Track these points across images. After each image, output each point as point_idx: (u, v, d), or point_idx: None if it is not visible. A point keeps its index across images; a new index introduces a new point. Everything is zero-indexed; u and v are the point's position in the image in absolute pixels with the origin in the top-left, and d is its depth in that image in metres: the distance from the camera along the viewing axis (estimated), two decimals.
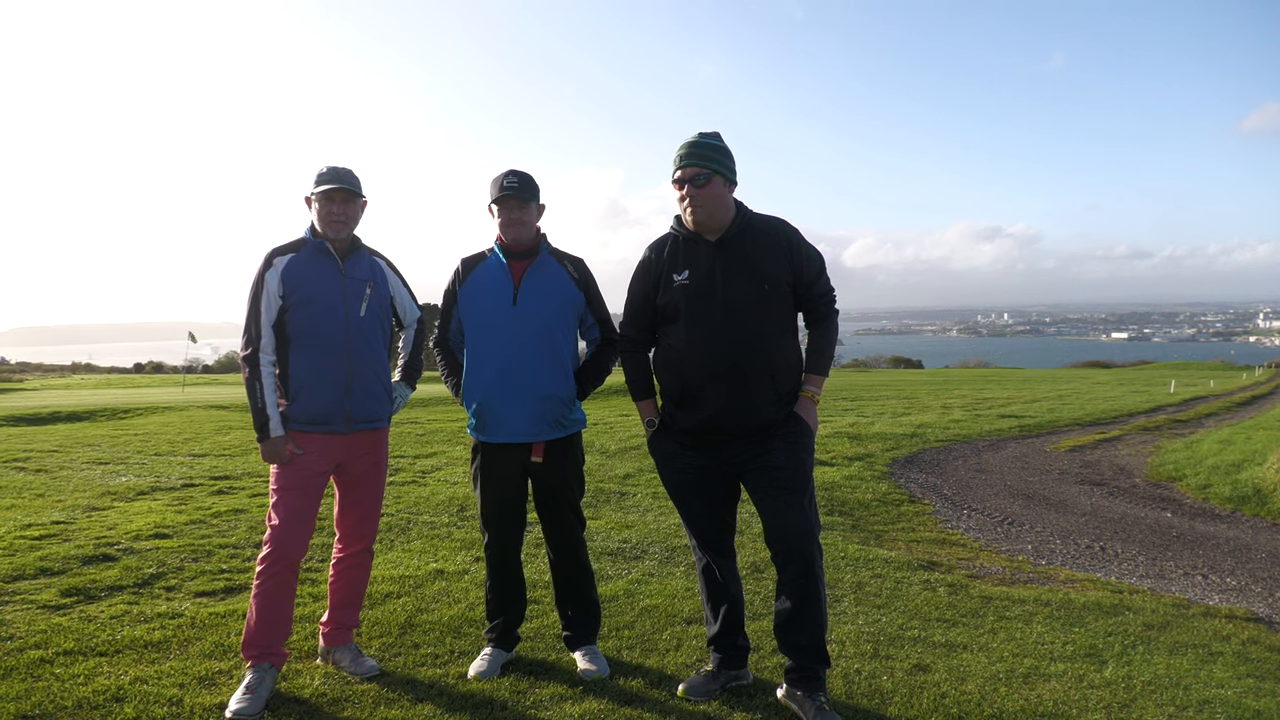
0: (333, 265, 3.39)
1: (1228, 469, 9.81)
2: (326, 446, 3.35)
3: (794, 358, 3.17)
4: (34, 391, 28.22)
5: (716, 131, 3.16)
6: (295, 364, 3.32)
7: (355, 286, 3.41)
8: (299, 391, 3.31)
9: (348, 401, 3.35)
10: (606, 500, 7.05)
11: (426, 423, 12.72)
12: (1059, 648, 3.81)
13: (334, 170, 3.36)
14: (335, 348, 3.33)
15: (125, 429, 12.15)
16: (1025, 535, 6.70)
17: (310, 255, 3.38)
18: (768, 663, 3.53)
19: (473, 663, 3.43)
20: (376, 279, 3.50)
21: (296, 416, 3.31)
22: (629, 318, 3.33)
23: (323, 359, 3.32)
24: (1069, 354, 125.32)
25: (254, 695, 3.03)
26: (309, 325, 3.31)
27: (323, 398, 3.31)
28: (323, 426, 3.33)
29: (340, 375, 3.34)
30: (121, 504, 6.49)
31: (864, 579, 4.84)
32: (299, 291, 3.31)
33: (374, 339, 3.45)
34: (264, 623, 3.21)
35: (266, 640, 3.21)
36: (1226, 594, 5.19)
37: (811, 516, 3.07)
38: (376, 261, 3.56)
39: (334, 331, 3.34)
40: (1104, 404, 19.63)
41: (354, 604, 3.56)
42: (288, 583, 3.27)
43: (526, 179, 3.42)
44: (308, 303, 3.31)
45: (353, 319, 3.38)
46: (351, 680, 3.30)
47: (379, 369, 3.47)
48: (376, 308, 3.47)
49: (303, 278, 3.33)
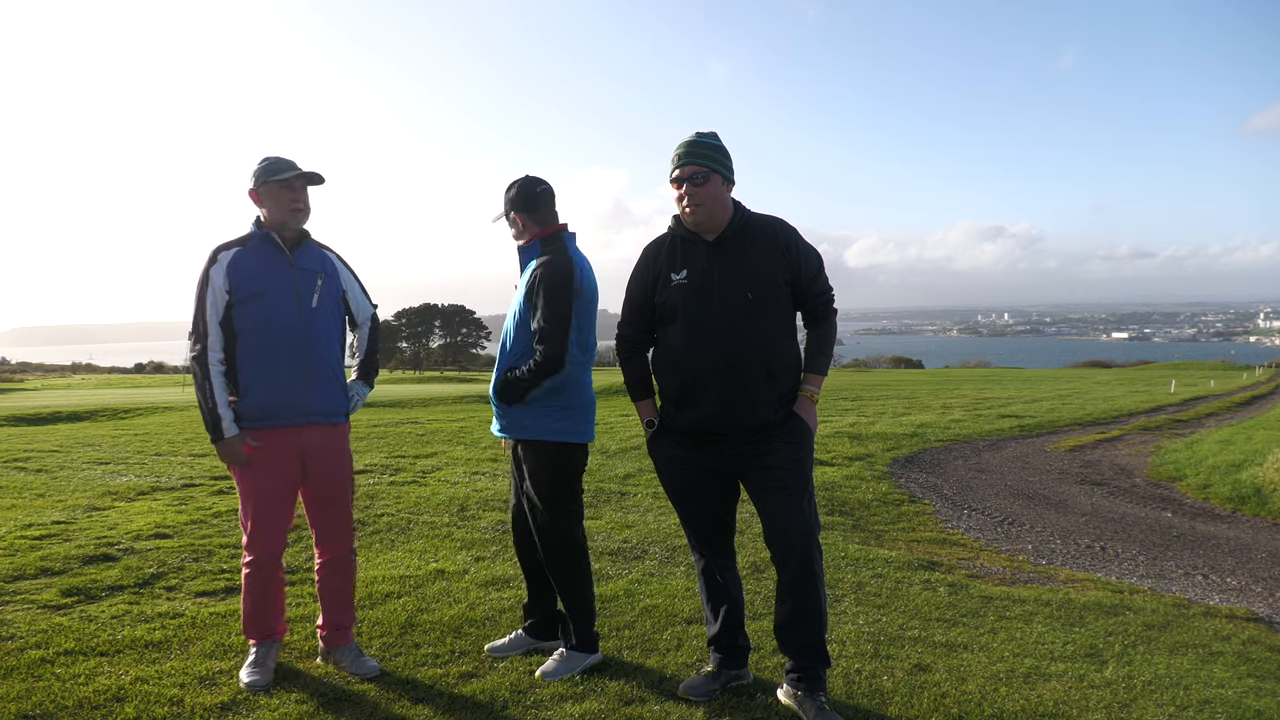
0: (281, 257, 3.29)
1: (1228, 469, 9.81)
2: (284, 440, 3.27)
3: (793, 357, 3.17)
4: (34, 391, 28.25)
5: (714, 131, 3.16)
6: (245, 359, 3.23)
7: (306, 278, 3.32)
8: (250, 386, 3.22)
9: (303, 395, 3.27)
10: (607, 500, 7.05)
11: (427, 423, 12.72)
12: (1059, 647, 3.81)
13: (284, 159, 3.29)
14: (288, 341, 3.24)
15: (126, 429, 12.15)
16: (1025, 535, 6.70)
17: (257, 248, 3.28)
18: (768, 663, 3.53)
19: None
20: (327, 270, 3.42)
21: (250, 413, 3.22)
22: (627, 318, 3.32)
23: (275, 352, 3.23)
24: (1069, 354, 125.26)
25: (263, 668, 3.26)
26: (260, 319, 3.22)
27: (277, 392, 3.23)
28: (278, 421, 3.25)
29: (294, 368, 3.25)
30: (122, 504, 6.50)
31: (864, 579, 4.84)
32: (247, 285, 3.21)
33: (327, 331, 3.37)
34: (259, 610, 3.36)
35: (266, 622, 3.37)
36: (1227, 594, 5.19)
37: (811, 516, 3.06)
38: (326, 254, 3.46)
39: (286, 324, 3.24)
40: (1104, 404, 19.63)
41: (345, 604, 3.50)
42: (274, 577, 3.35)
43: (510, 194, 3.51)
44: (257, 297, 3.22)
45: (305, 311, 3.29)
46: (351, 680, 3.30)
47: (334, 362, 3.39)
48: (329, 299, 3.39)
49: (251, 271, 3.23)
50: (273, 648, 3.37)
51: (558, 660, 3.41)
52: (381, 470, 8.29)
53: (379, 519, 6.09)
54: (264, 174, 3.27)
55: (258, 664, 3.28)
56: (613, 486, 7.57)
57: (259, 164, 3.29)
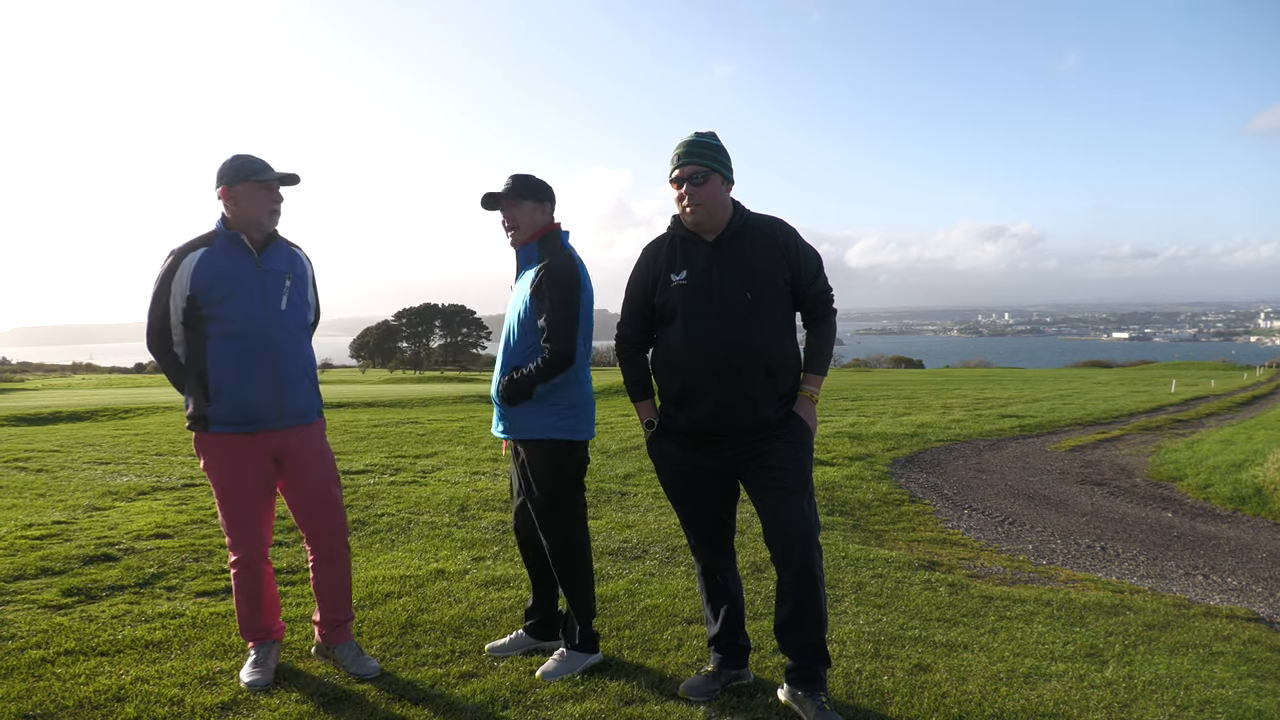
0: (248, 258, 3.23)
1: (1228, 469, 9.81)
2: (259, 443, 3.23)
3: (793, 357, 3.17)
4: (35, 391, 28.25)
5: (713, 131, 3.16)
6: (216, 362, 3.16)
7: (274, 279, 3.25)
8: (221, 390, 3.16)
9: (276, 398, 3.21)
10: (607, 500, 7.05)
11: (427, 423, 12.72)
12: (1060, 647, 3.81)
13: (258, 159, 3.22)
14: (258, 344, 3.18)
15: (126, 429, 12.15)
16: (1026, 535, 6.70)
17: (224, 249, 3.21)
18: (768, 663, 3.53)
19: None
20: (295, 271, 3.37)
21: (225, 417, 3.16)
22: (627, 318, 3.32)
23: (247, 356, 3.17)
24: (1070, 354, 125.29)
25: (263, 668, 3.27)
26: (229, 322, 3.16)
27: (249, 395, 3.17)
28: (252, 426, 3.19)
29: (266, 371, 3.19)
30: (122, 504, 6.50)
31: (864, 579, 4.84)
32: (216, 288, 3.15)
33: (297, 332, 3.33)
34: (253, 610, 3.36)
35: (263, 622, 3.38)
36: (1227, 594, 5.19)
37: (811, 516, 3.07)
38: (295, 253, 3.41)
39: (255, 327, 3.18)
40: (1105, 404, 19.62)
41: (343, 600, 3.46)
42: (261, 574, 3.35)
43: (508, 185, 3.46)
44: (225, 300, 3.15)
45: (273, 312, 3.23)
46: (351, 680, 3.30)
47: (305, 363, 3.35)
48: (297, 300, 3.35)
49: (218, 273, 3.16)
50: (273, 648, 3.39)
51: (558, 660, 3.41)
52: (381, 470, 8.29)
53: (379, 519, 6.10)
54: (240, 173, 3.19)
55: (258, 664, 3.29)
56: (613, 486, 7.57)
57: (231, 161, 3.20)
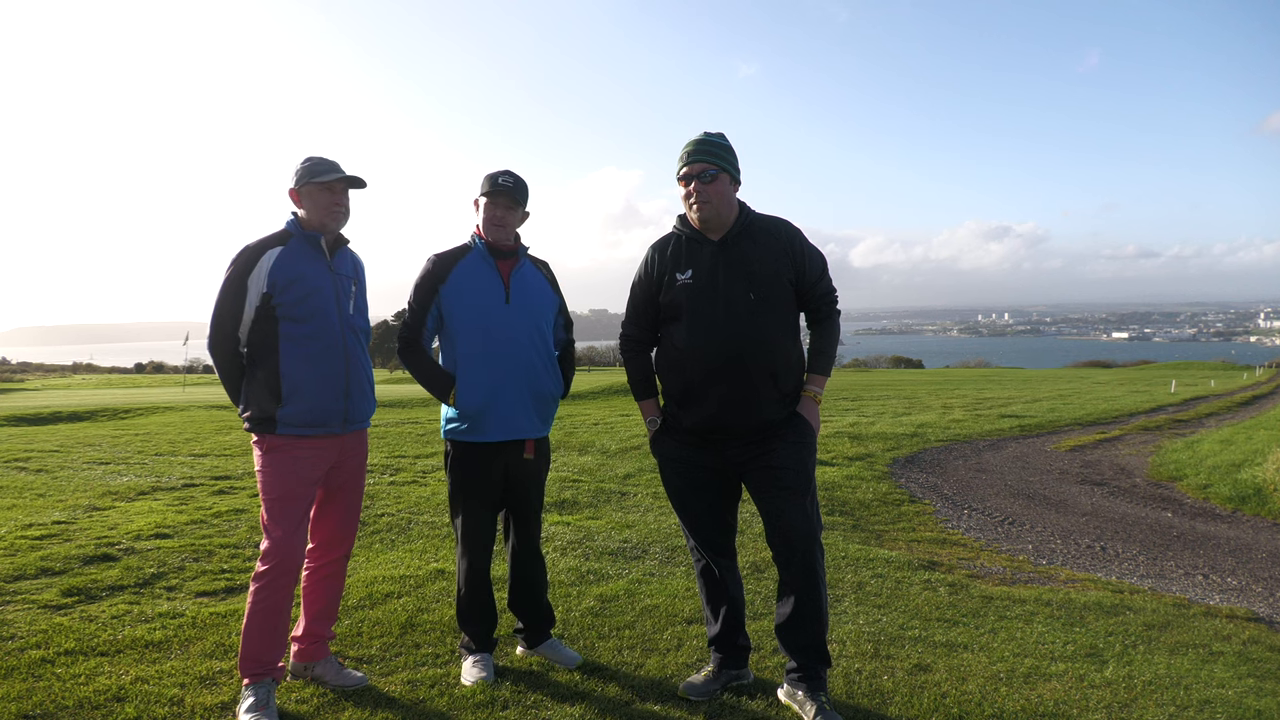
0: (321, 259, 3.22)
1: (1228, 469, 9.81)
2: (323, 449, 3.23)
3: (796, 357, 3.18)
4: (35, 391, 28.25)
5: (721, 131, 3.20)
6: (289, 364, 3.12)
7: (343, 283, 3.28)
8: (294, 393, 3.12)
9: (345, 402, 3.22)
10: (607, 500, 7.05)
11: (427, 423, 12.72)
12: (1060, 647, 3.81)
13: (328, 160, 3.23)
14: (332, 347, 3.19)
15: (126, 429, 12.15)
16: (1026, 535, 6.70)
17: (298, 249, 3.20)
18: (768, 662, 3.53)
19: (466, 672, 3.35)
20: (359, 277, 3.40)
21: (293, 420, 3.12)
22: (631, 317, 3.33)
23: (318, 359, 3.16)
24: (1070, 354, 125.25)
25: (266, 709, 2.97)
26: (302, 323, 3.14)
27: (322, 399, 3.16)
28: (321, 429, 3.19)
29: (338, 375, 3.19)
30: (122, 504, 6.49)
31: (865, 579, 4.84)
32: (293, 288, 3.12)
33: (362, 337, 3.36)
34: (265, 636, 3.08)
35: (268, 655, 3.09)
36: (1227, 594, 5.19)
37: (813, 516, 3.07)
38: (358, 259, 3.45)
39: (328, 329, 3.19)
40: (1105, 404, 19.63)
41: (330, 614, 3.42)
42: (290, 592, 3.15)
43: (520, 181, 3.43)
44: (303, 300, 3.13)
45: (344, 316, 3.25)
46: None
47: (367, 367, 3.37)
48: (362, 305, 3.39)
49: (295, 272, 3.14)
50: (272, 687, 3.07)
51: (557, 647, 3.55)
52: (381, 470, 8.29)
53: (379, 519, 6.09)
54: (306, 174, 3.20)
55: (260, 706, 2.98)
56: (613, 486, 7.57)
57: (302, 163, 3.23)
